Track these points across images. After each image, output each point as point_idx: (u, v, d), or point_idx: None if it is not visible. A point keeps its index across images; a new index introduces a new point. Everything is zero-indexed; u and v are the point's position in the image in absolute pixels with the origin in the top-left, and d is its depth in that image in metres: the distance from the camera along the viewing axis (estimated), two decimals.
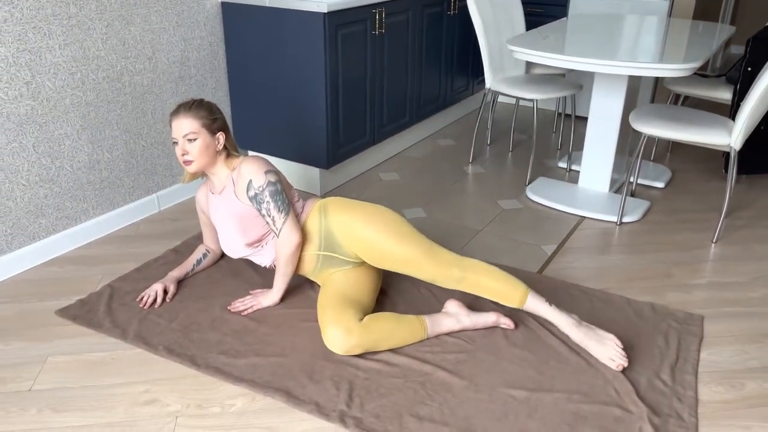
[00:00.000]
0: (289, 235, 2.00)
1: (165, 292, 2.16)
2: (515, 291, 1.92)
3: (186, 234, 2.64)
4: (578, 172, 3.31)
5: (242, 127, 3.09)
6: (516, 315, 2.10)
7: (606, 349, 1.86)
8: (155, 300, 2.13)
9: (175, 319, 2.06)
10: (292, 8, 2.69)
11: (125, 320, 2.05)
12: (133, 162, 2.68)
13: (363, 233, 1.97)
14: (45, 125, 2.31)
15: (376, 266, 2.03)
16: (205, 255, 2.33)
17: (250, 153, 3.20)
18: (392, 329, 1.88)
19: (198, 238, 2.57)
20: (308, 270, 2.11)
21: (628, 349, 1.95)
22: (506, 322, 2.02)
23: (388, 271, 2.34)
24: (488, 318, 2.02)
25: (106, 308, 2.10)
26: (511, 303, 1.93)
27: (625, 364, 1.83)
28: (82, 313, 2.09)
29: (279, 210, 1.99)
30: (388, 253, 1.95)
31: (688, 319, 2.11)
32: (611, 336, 1.87)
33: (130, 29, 2.52)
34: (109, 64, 2.47)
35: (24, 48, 2.17)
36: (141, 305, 2.11)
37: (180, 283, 2.25)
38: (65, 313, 2.08)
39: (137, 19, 2.54)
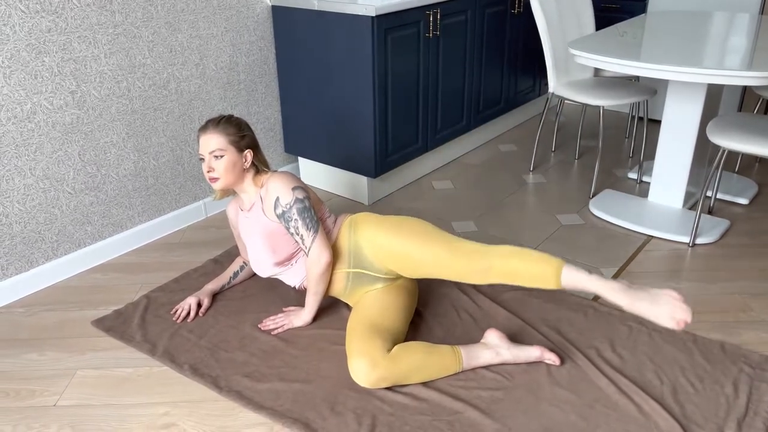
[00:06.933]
0: (319, 254, 1.91)
1: (199, 305, 2.13)
2: (548, 267, 1.70)
3: (229, 243, 2.60)
4: (650, 184, 3.03)
5: (292, 133, 3.03)
6: (563, 350, 1.92)
7: (662, 308, 1.61)
8: (188, 314, 2.10)
9: (204, 336, 2.01)
10: (340, 11, 2.59)
11: (156, 334, 2.02)
12: (179, 169, 2.67)
13: (387, 242, 1.88)
14: (90, 134, 2.32)
15: (405, 275, 1.93)
16: (242, 267, 2.28)
17: (300, 159, 3.14)
18: (422, 362, 1.75)
19: None
20: (339, 290, 2.01)
21: (690, 373, 1.73)
22: (551, 358, 1.85)
23: (425, 293, 2.21)
24: (531, 352, 1.85)
25: (140, 320, 2.09)
26: (548, 283, 1.71)
27: (689, 319, 1.59)
28: (117, 324, 2.08)
29: (308, 228, 1.90)
30: (413, 257, 1.83)
31: (763, 363, 1.86)
32: (667, 291, 1.64)
33: (177, 36, 2.50)
34: (155, 72, 2.46)
35: (69, 57, 2.18)
36: (174, 318, 2.09)
37: (215, 296, 2.21)
38: (100, 324, 2.09)
39: (184, 25, 2.51)
